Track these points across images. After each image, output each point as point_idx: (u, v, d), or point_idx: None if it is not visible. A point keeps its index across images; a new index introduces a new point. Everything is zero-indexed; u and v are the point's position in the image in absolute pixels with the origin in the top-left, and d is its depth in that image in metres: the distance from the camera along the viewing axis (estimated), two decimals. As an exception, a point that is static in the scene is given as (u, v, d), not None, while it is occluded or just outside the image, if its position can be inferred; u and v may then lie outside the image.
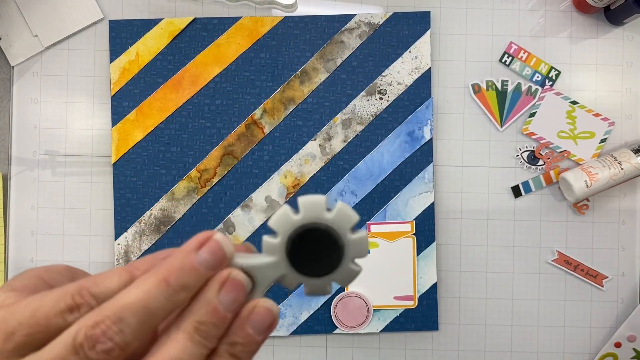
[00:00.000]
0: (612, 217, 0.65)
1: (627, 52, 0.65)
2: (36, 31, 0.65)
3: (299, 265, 0.25)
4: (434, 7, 0.65)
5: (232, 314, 0.23)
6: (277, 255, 0.25)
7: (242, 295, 0.24)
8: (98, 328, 0.21)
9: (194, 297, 0.23)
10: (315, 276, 0.25)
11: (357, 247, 0.25)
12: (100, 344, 0.21)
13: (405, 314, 0.63)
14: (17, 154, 0.65)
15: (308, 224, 0.25)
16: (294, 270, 0.25)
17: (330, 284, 0.25)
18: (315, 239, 0.24)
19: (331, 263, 0.25)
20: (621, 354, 0.64)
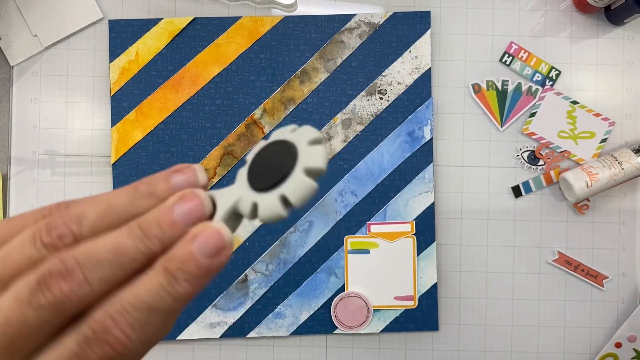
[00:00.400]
0: (613, 217, 0.65)
1: (627, 52, 0.65)
2: (36, 31, 0.65)
3: (254, 181, 0.24)
4: (434, 6, 0.65)
5: (182, 226, 0.22)
6: (242, 179, 0.24)
7: (199, 209, 0.23)
8: (58, 217, 0.22)
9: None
10: (266, 189, 0.23)
11: (310, 155, 0.23)
12: (55, 229, 0.21)
13: (406, 314, 0.63)
14: (16, 154, 0.65)
15: (269, 142, 0.25)
16: (249, 187, 0.24)
17: (283, 203, 0.23)
18: (273, 153, 0.24)
19: (282, 171, 0.23)
20: (621, 354, 0.64)
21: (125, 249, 0.21)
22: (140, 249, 0.22)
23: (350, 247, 0.63)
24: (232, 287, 0.64)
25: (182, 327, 0.63)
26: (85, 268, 0.20)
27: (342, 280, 0.64)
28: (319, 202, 0.64)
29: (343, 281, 0.63)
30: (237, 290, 0.64)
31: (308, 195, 0.23)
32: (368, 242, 0.63)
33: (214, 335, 0.64)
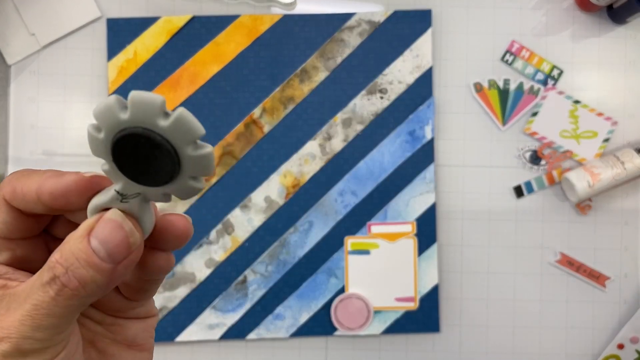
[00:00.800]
0: (615, 217, 0.64)
1: (630, 51, 0.64)
2: (33, 30, 0.64)
3: (127, 171, 0.21)
4: (435, 5, 0.64)
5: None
6: (102, 153, 0.21)
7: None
8: None
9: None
10: (147, 185, 0.21)
11: (197, 165, 0.20)
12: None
13: (406, 316, 0.63)
14: (14, 154, 0.65)
15: (136, 128, 0.20)
16: (122, 174, 0.21)
17: (166, 195, 0.22)
18: (146, 147, 0.20)
19: (163, 177, 0.21)
20: (624, 355, 0.63)
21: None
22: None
23: (350, 248, 0.63)
24: (231, 288, 0.63)
25: (180, 328, 0.63)
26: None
27: (342, 281, 0.63)
28: (319, 202, 0.63)
29: (343, 282, 0.63)
30: (236, 292, 0.63)
31: (195, 195, 0.22)
32: (368, 242, 0.63)
33: (212, 336, 0.63)
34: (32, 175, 0.23)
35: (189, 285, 0.63)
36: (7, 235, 0.24)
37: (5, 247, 0.24)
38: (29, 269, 0.24)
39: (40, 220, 0.25)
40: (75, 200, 0.23)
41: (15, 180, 0.23)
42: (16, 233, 0.24)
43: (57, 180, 0.23)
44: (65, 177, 0.23)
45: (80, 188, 0.23)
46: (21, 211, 0.24)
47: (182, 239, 0.24)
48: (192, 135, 0.20)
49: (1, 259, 0.24)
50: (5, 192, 0.24)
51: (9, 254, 0.24)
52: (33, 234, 0.25)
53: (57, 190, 0.23)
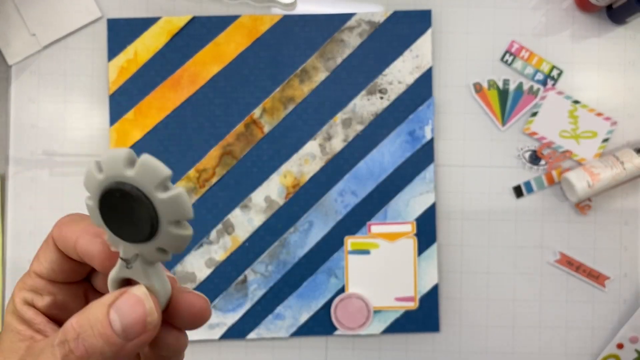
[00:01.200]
0: (615, 217, 0.64)
1: (629, 51, 0.65)
2: (34, 30, 0.64)
3: (117, 231, 0.21)
4: (435, 5, 0.64)
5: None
6: (96, 219, 0.22)
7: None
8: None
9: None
10: (138, 242, 0.22)
11: (172, 209, 0.21)
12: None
13: (406, 315, 0.63)
14: (14, 154, 0.65)
15: (110, 184, 0.21)
16: (115, 236, 0.22)
17: (162, 252, 0.22)
18: (123, 201, 0.21)
19: (145, 228, 0.21)
20: (623, 355, 0.64)
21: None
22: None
23: (350, 248, 0.63)
24: (231, 287, 0.63)
25: (181, 328, 0.63)
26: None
27: (342, 281, 0.63)
28: (319, 202, 0.63)
29: (343, 282, 0.63)
30: (237, 291, 0.63)
31: (186, 242, 0.22)
32: (368, 242, 0.63)
33: (212, 336, 0.63)
34: (77, 223, 0.24)
35: (189, 285, 0.63)
36: (52, 276, 0.24)
37: (47, 291, 0.24)
38: (64, 317, 0.24)
39: (83, 267, 0.25)
40: (99, 268, 0.23)
41: (63, 224, 0.24)
42: (60, 275, 0.25)
43: (89, 242, 0.23)
44: (95, 243, 0.23)
45: (102, 259, 0.23)
46: (65, 254, 0.24)
47: (198, 321, 0.24)
48: (158, 178, 0.20)
49: (42, 304, 0.24)
50: (54, 233, 0.24)
51: (50, 298, 0.24)
52: (75, 280, 0.25)
53: (86, 251, 0.23)
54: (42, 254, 0.24)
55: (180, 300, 0.23)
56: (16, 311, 0.24)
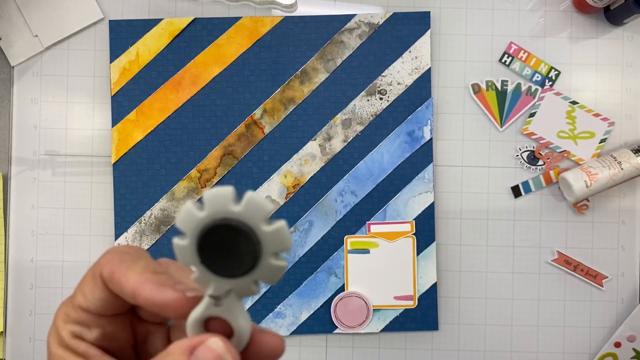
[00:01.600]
0: (612, 217, 0.65)
1: (627, 52, 0.65)
2: (36, 31, 0.65)
3: (214, 268, 0.22)
4: (434, 7, 0.65)
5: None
6: (190, 259, 0.22)
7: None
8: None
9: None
10: (235, 277, 0.22)
11: (275, 241, 0.22)
12: None
13: (405, 314, 0.63)
14: (17, 154, 0.65)
15: (215, 220, 0.22)
16: (211, 273, 0.22)
17: (257, 282, 0.23)
18: (227, 236, 0.22)
19: (248, 262, 0.22)
20: (621, 354, 0.64)
21: None
22: None
23: (350, 247, 0.64)
24: (232, 286, 0.64)
25: (182, 326, 0.63)
26: None
27: (342, 280, 0.64)
28: (319, 201, 0.64)
29: (343, 281, 0.64)
30: (237, 290, 0.64)
31: (282, 274, 0.23)
32: (368, 242, 0.64)
33: (214, 335, 0.64)
34: (133, 268, 0.24)
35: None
36: (100, 311, 0.25)
37: (96, 324, 0.25)
38: (113, 347, 0.25)
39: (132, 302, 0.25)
40: (171, 316, 0.23)
41: (116, 265, 0.24)
42: (108, 310, 0.25)
43: (156, 291, 0.23)
44: (165, 292, 0.23)
45: (178, 307, 0.23)
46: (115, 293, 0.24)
47: (274, 359, 0.24)
48: (264, 212, 0.22)
49: (92, 337, 0.24)
50: (105, 272, 0.24)
51: (99, 331, 0.25)
52: (122, 312, 0.26)
53: (154, 301, 0.23)
54: (87, 289, 0.25)
55: (257, 341, 0.24)
56: (68, 345, 0.24)
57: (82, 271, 0.65)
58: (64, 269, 0.65)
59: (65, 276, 0.65)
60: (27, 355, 0.65)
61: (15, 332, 0.65)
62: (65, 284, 0.65)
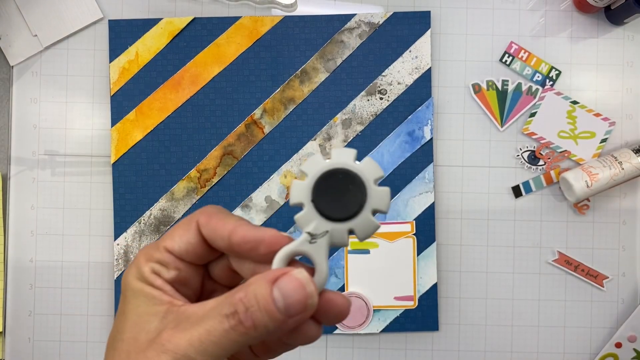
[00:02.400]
0: (613, 217, 0.65)
1: (627, 52, 0.65)
2: (36, 31, 0.65)
3: (322, 208, 0.26)
4: (434, 6, 0.65)
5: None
6: (303, 197, 0.26)
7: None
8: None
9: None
10: (336, 220, 0.26)
11: (379, 198, 0.26)
12: None
13: (406, 314, 0.63)
14: (16, 154, 0.65)
15: (337, 167, 0.26)
16: (317, 212, 0.26)
17: (348, 233, 0.26)
18: (341, 182, 0.26)
19: (353, 208, 0.26)
20: (622, 354, 0.64)
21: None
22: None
23: (350, 247, 0.63)
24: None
25: (182, 327, 0.63)
26: None
27: (342, 280, 0.64)
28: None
29: (343, 281, 0.63)
30: (237, 290, 0.63)
31: (374, 231, 0.27)
32: (368, 242, 0.63)
33: (213, 335, 0.64)
34: (230, 217, 0.27)
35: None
36: (184, 255, 0.26)
37: (175, 266, 0.26)
38: (182, 291, 0.27)
39: (212, 254, 0.27)
40: (263, 251, 0.25)
41: (214, 214, 0.27)
42: (191, 256, 0.27)
43: (253, 229, 0.26)
44: (262, 230, 0.26)
45: (272, 242, 0.26)
46: (205, 240, 0.26)
47: (340, 318, 0.26)
48: (378, 174, 0.26)
49: (168, 276, 0.26)
50: (201, 220, 0.26)
51: (175, 273, 0.26)
52: (200, 262, 0.28)
53: (250, 237, 0.25)
54: (178, 233, 0.27)
55: (328, 298, 0.26)
56: (146, 279, 0.26)
57: (82, 271, 0.65)
58: (64, 269, 0.65)
59: (65, 276, 0.65)
60: (27, 356, 0.65)
61: (14, 332, 0.65)
62: (64, 284, 0.65)
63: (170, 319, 0.25)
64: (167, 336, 0.24)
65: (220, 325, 0.23)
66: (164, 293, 0.26)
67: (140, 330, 0.25)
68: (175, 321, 0.24)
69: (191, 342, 0.23)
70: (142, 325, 0.25)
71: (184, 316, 0.24)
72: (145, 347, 0.24)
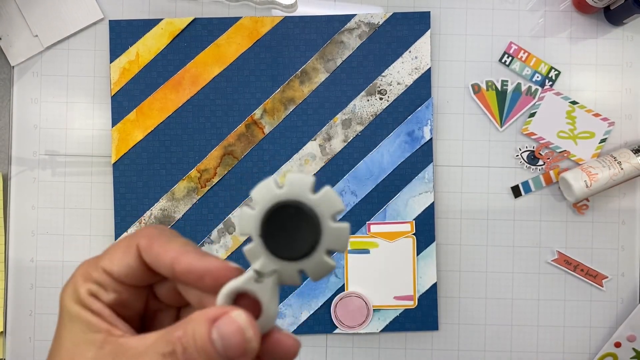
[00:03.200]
0: (612, 217, 0.65)
1: (626, 52, 0.65)
2: (36, 31, 0.65)
3: (270, 244, 0.23)
4: (434, 7, 0.65)
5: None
6: (252, 229, 0.23)
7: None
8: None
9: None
10: (285, 259, 0.23)
11: (335, 237, 0.23)
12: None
13: (405, 314, 0.63)
14: (17, 154, 0.65)
15: (288, 199, 0.23)
16: (266, 249, 0.23)
17: (300, 274, 0.24)
18: (293, 217, 0.23)
19: (304, 247, 0.23)
20: (621, 354, 0.64)
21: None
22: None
23: (350, 247, 0.64)
24: (232, 286, 0.64)
25: (182, 326, 0.63)
26: None
27: (342, 280, 0.64)
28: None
29: (343, 281, 0.64)
30: (237, 290, 0.64)
31: (328, 273, 0.24)
32: (368, 242, 0.64)
33: (214, 335, 0.64)
34: (174, 242, 0.25)
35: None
36: (124, 279, 0.25)
37: (114, 289, 0.25)
38: (123, 313, 0.25)
39: (155, 277, 0.26)
40: (208, 283, 0.24)
41: (155, 237, 0.25)
42: (132, 280, 0.25)
43: (199, 259, 0.24)
44: (208, 260, 0.24)
45: (219, 274, 0.24)
46: (147, 264, 0.25)
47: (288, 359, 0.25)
48: (335, 209, 0.23)
49: (107, 299, 0.25)
50: (142, 244, 0.25)
51: (115, 296, 0.25)
52: (143, 285, 0.26)
53: (195, 268, 0.24)
54: (117, 256, 0.25)
55: (275, 338, 0.25)
56: (83, 302, 0.25)
57: (82, 271, 0.65)
58: (64, 269, 0.65)
59: (65, 276, 0.65)
60: (27, 355, 0.65)
61: (15, 332, 0.65)
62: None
63: (107, 351, 0.24)
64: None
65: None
66: (102, 319, 0.24)
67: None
68: (113, 354, 0.23)
69: None
70: (78, 354, 0.24)
71: (122, 350, 0.23)
72: None
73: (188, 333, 0.23)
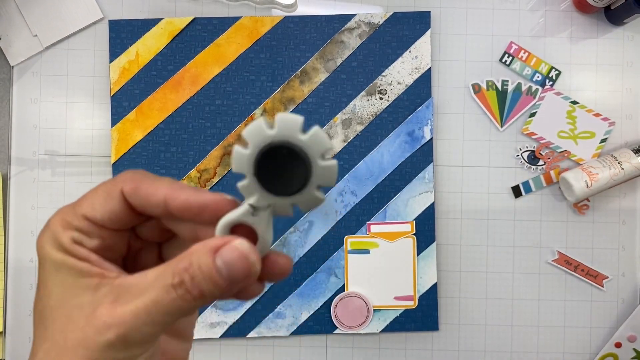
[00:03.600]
0: (613, 217, 0.65)
1: (627, 52, 0.65)
2: (36, 31, 0.65)
3: (264, 182, 0.25)
4: (434, 7, 0.65)
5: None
6: (245, 168, 0.25)
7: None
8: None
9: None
10: (278, 195, 0.25)
11: (324, 174, 0.25)
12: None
13: (406, 314, 0.63)
14: (16, 154, 0.65)
15: (280, 140, 0.24)
16: (259, 185, 0.25)
17: (292, 206, 0.26)
18: (285, 157, 0.24)
19: (297, 184, 0.25)
20: (621, 354, 0.64)
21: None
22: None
23: (350, 247, 0.63)
24: (232, 287, 0.64)
25: (182, 327, 0.63)
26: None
27: (342, 280, 0.64)
28: (319, 202, 0.64)
29: (343, 281, 0.64)
30: (237, 290, 0.64)
31: (318, 206, 0.25)
32: (368, 242, 0.63)
33: (213, 335, 0.64)
34: (160, 181, 0.26)
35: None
36: (108, 224, 0.26)
37: (98, 235, 0.25)
38: (107, 256, 0.26)
39: (138, 219, 0.27)
40: (207, 217, 0.25)
41: (139, 180, 0.25)
42: (116, 224, 0.26)
43: (194, 194, 0.25)
44: (203, 194, 0.25)
45: (218, 207, 0.25)
46: (132, 208, 0.26)
47: (283, 276, 0.27)
48: (324, 148, 0.24)
49: (92, 245, 0.25)
50: (127, 188, 0.25)
51: (98, 241, 0.25)
52: (126, 228, 0.27)
53: (193, 203, 0.25)
54: (99, 202, 0.25)
55: (272, 259, 0.26)
56: (68, 249, 0.24)
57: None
58: (64, 269, 0.65)
59: (65, 276, 0.65)
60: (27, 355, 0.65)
61: (15, 332, 0.65)
62: (64, 284, 0.65)
63: (104, 292, 0.24)
64: (106, 312, 0.23)
65: (167, 295, 0.23)
66: (92, 264, 0.24)
67: (72, 307, 0.24)
68: (113, 294, 0.23)
69: (136, 314, 0.23)
70: (71, 301, 0.24)
71: (123, 289, 0.24)
72: (83, 324, 0.23)
73: (193, 264, 0.23)
